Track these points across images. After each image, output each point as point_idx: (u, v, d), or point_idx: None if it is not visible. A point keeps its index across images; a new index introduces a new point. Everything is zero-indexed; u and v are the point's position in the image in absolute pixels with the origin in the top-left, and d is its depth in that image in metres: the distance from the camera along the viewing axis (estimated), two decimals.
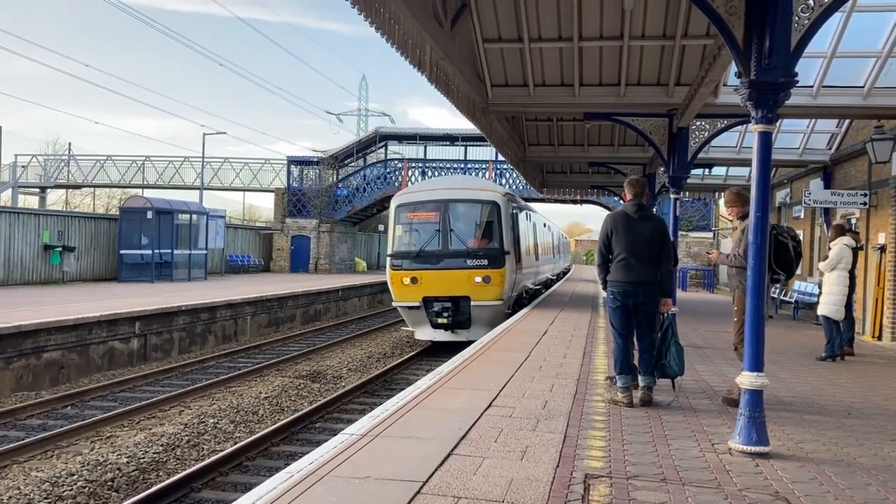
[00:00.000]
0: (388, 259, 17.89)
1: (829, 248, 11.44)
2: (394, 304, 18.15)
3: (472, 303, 16.92)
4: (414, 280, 17.14)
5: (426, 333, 17.66)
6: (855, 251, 11.18)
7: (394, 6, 8.91)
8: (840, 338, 10.99)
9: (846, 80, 12.40)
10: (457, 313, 16.94)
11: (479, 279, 16.93)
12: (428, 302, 17.12)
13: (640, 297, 7.08)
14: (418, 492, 4.32)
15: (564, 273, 46.43)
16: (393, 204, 18.31)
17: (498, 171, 40.46)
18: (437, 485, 4.46)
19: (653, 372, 7.17)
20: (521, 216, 20.82)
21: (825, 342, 11.01)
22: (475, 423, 6.08)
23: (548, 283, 30.49)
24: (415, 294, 17.18)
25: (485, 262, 17.14)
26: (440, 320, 16.96)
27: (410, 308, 17.47)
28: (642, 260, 7.08)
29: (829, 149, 18.52)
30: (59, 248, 24.96)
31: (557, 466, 4.91)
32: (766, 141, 5.59)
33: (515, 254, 18.26)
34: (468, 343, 13.01)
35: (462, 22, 11.77)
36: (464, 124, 30.74)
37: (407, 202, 18.19)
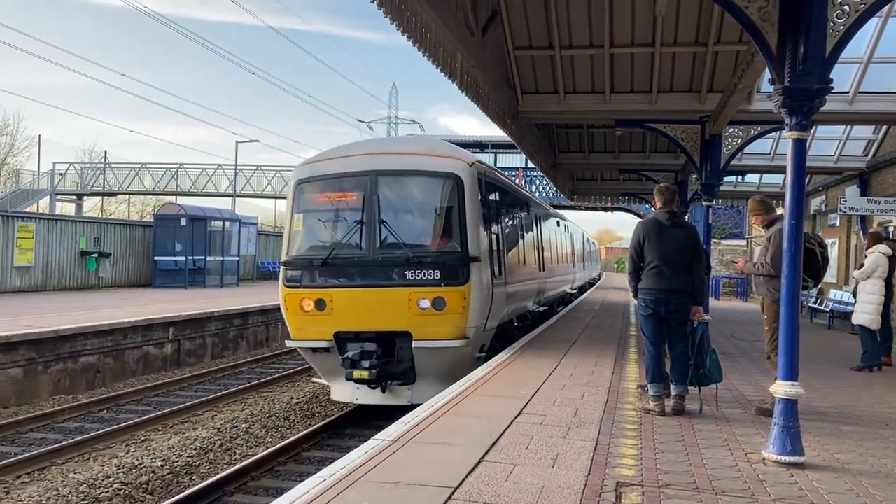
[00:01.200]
0: (281, 270, 10.96)
1: (865, 257, 11.26)
2: (288, 343, 11.11)
3: (414, 343, 10.00)
4: (320, 304, 10.25)
5: (345, 391, 10.66)
6: (892, 259, 11.00)
7: (425, 15, 8.99)
8: (877, 348, 10.81)
9: (883, 86, 12.25)
10: (389, 361, 10.07)
11: (425, 303, 9.96)
12: (342, 341, 10.22)
13: (671, 304, 7.04)
14: (449, 497, 4.33)
15: (592, 283, 42.65)
16: (293, 179, 11.29)
17: (528, 178, 40.42)
18: (469, 491, 4.47)
19: (685, 380, 7.11)
20: (509, 202, 13.50)
21: (862, 352, 10.83)
22: (506, 430, 6.08)
23: (566, 299, 23.89)
24: (322, 327, 10.32)
25: (436, 274, 10.03)
26: (359, 372, 9.82)
27: (315, 351, 10.54)
28: (674, 267, 7.03)
29: (866, 155, 18.26)
30: (95, 255, 25.39)
31: (589, 474, 4.90)
32: (800, 148, 5.54)
33: (494, 260, 11.10)
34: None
35: (493, 30, 11.83)
36: (493, 132, 30.58)
37: (313, 176, 10.88)
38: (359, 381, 10.00)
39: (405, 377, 10.23)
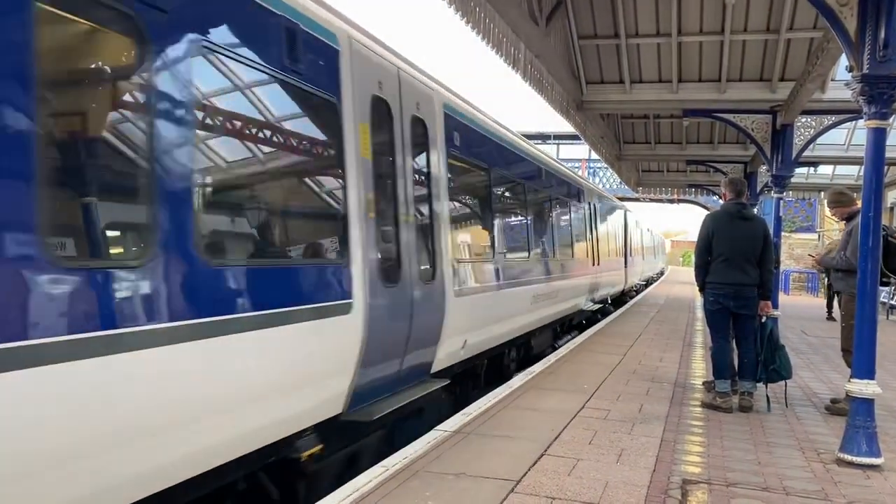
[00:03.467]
0: None
1: None
2: None
3: None
4: None
5: None
6: None
7: (489, 5, 8.95)
8: None
9: None
10: None
11: None
12: None
13: (741, 299, 6.87)
14: (512, 490, 4.31)
15: (655, 278, 40.39)
16: None
17: (591, 170, 39.96)
18: (531, 484, 4.44)
19: (754, 377, 6.93)
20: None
21: None
22: (568, 424, 6.03)
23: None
24: None
25: None
26: None
27: None
28: (743, 261, 6.87)
29: None
30: None
31: (654, 471, 4.82)
32: (879, 138, 5.34)
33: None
34: None
35: (557, 19, 11.72)
36: (547, 125, 30.26)
37: None
38: None
39: None
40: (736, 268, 6.86)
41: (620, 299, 22.48)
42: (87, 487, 3.10)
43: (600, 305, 17.83)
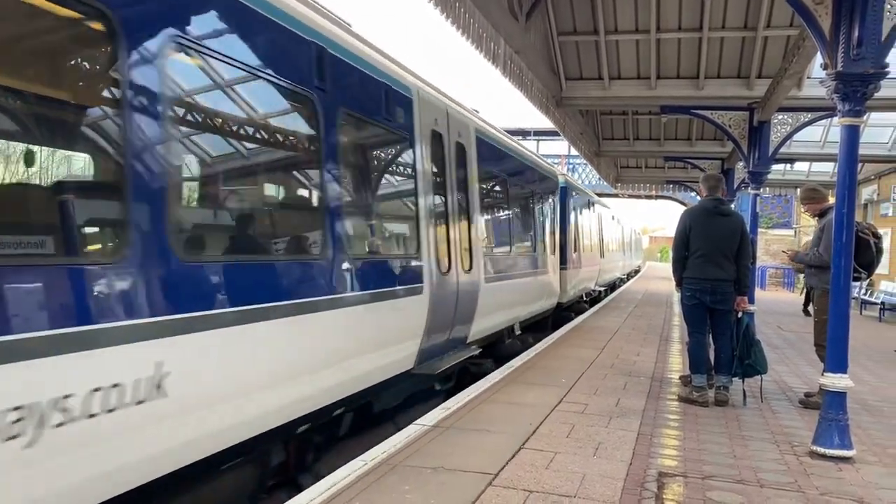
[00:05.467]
0: None
1: None
2: None
3: None
4: None
5: None
6: None
7: (470, 1, 8.94)
8: None
9: None
10: None
11: None
12: None
13: (717, 294, 6.94)
14: (490, 483, 4.33)
15: (629, 277, 38.12)
16: None
17: (570, 166, 40.08)
18: (509, 478, 4.46)
19: (729, 371, 7.01)
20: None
21: None
22: (546, 417, 6.06)
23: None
24: None
25: None
26: None
27: None
28: (720, 257, 6.92)
29: None
30: None
31: (631, 464, 4.86)
32: (852, 135, 5.40)
33: None
34: None
35: (536, 15, 11.74)
36: (528, 122, 30.25)
37: None
38: None
39: None
40: (713, 263, 6.91)
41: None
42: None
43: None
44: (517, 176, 11.58)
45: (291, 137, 5.21)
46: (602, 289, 22.46)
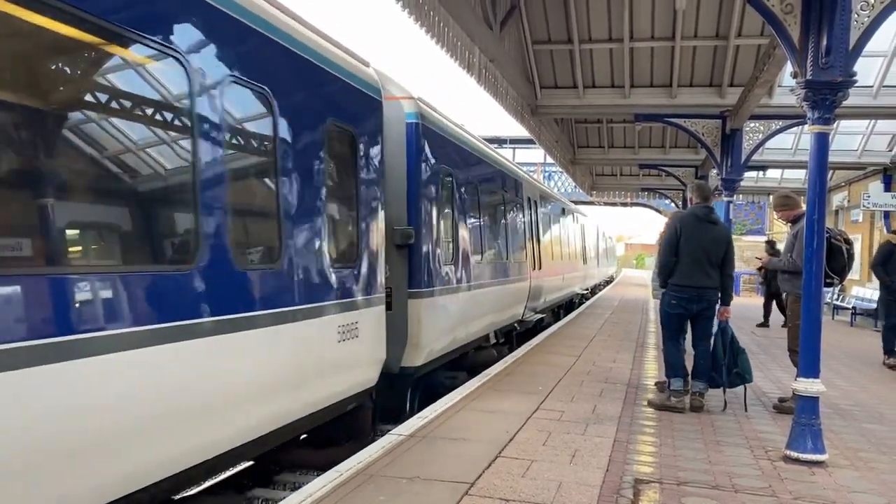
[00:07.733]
0: None
1: None
2: None
3: None
4: None
5: None
6: None
7: (444, 9, 8.95)
8: None
9: None
10: None
11: None
12: None
13: (703, 301, 6.98)
14: (466, 493, 4.31)
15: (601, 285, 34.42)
16: None
17: (546, 174, 40.20)
18: (485, 486, 4.45)
19: (706, 377, 7.04)
20: None
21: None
22: (523, 425, 6.06)
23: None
24: None
25: None
26: None
27: None
28: (707, 264, 6.94)
29: (890, 150, 18.01)
30: None
31: (607, 471, 4.86)
32: (822, 142, 5.46)
33: None
34: None
35: (511, 24, 11.78)
36: (507, 130, 30.12)
37: None
38: None
39: None
40: (701, 270, 6.94)
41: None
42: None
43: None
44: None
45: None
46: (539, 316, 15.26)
